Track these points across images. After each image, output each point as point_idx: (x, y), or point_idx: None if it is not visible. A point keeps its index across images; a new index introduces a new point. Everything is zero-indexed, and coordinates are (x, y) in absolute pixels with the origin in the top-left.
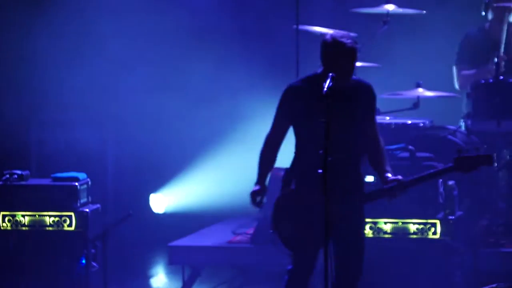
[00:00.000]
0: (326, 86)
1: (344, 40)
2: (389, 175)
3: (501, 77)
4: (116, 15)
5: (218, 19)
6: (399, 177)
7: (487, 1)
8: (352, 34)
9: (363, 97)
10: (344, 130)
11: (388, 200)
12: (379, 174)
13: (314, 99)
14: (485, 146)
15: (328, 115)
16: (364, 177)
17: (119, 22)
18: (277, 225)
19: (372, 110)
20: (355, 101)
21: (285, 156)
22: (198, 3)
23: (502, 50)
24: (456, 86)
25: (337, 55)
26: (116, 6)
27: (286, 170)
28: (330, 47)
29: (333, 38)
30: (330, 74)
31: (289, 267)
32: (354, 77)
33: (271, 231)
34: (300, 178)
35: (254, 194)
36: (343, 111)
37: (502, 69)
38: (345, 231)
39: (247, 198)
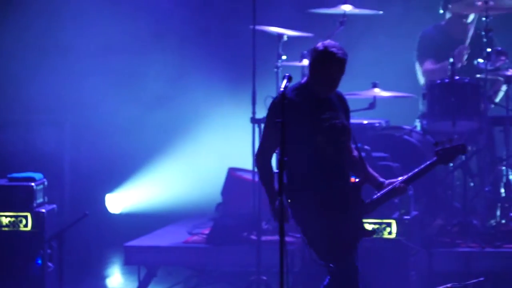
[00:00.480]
0: (282, 86)
1: (334, 50)
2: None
3: (457, 77)
4: (78, 18)
5: (175, 21)
6: (398, 179)
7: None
8: (309, 34)
9: (345, 107)
10: (337, 136)
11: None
12: (371, 181)
13: (305, 105)
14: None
15: (283, 116)
16: None
17: (81, 25)
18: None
19: (347, 118)
20: (341, 111)
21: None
22: (156, 5)
23: (467, 44)
24: (421, 82)
25: (327, 64)
26: (79, 9)
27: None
28: (320, 55)
29: (325, 47)
30: (287, 74)
31: (327, 280)
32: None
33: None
34: (316, 192)
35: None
36: (333, 117)
37: (464, 63)
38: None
39: (202, 199)
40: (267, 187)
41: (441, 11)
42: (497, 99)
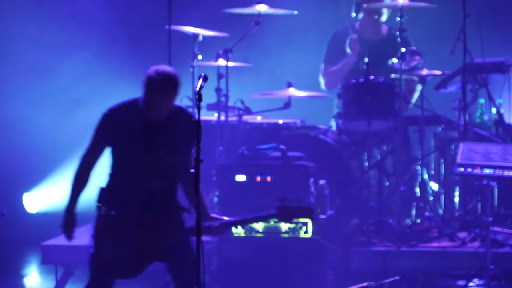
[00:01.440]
0: (198, 86)
1: (155, 75)
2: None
3: (372, 77)
4: (4, 17)
5: (90, 20)
6: (224, 217)
7: (357, 1)
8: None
9: (182, 127)
10: (163, 160)
11: (213, 235)
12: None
13: (134, 125)
14: (353, 148)
15: (198, 113)
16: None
17: (1, 24)
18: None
19: (190, 140)
20: (173, 132)
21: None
22: (70, 4)
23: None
24: (322, 85)
25: (149, 89)
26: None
27: (102, 189)
28: (146, 80)
29: (155, 70)
30: (203, 74)
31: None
32: (177, 105)
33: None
34: (118, 200)
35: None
36: (162, 142)
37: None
38: (180, 258)
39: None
40: (74, 196)
41: (354, 14)
42: (413, 99)
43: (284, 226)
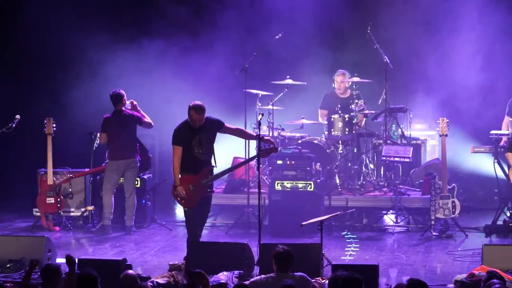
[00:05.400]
0: (259, 118)
1: (196, 105)
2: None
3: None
4: None
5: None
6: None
7: (333, 77)
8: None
9: (210, 127)
10: (208, 145)
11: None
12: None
13: (188, 133)
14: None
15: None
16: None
17: None
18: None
19: (221, 126)
20: (206, 130)
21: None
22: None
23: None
24: (319, 118)
25: (191, 112)
26: None
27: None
28: (190, 108)
29: (194, 104)
30: (262, 113)
31: None
32: (207, 116)
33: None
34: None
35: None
36: (203, 136)
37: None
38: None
39: None
40: (176, 175)
41: (333, 85)
42: (362, 124)
43: (300, 185)
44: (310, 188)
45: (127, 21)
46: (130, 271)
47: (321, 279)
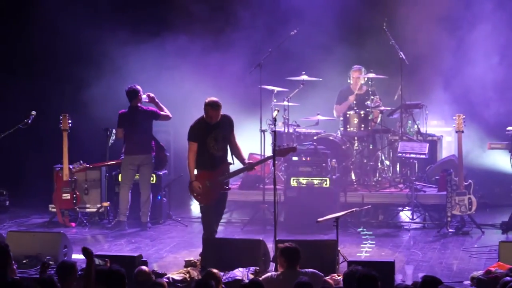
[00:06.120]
0: (274, 114)
1: (213, 101)
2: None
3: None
4: None
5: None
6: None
7: (349, 73)
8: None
9: (225, 124)
10: (224, 142)
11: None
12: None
13: (204, 129)
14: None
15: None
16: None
17: None
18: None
19: (232, 130)
20: (224, 127)
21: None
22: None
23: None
24: (334, 114)
25: (204, 108)
26: None
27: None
28: (207, 104)
29: (210, 100)
30: (277, 109)
31: None
32: (222, 114)
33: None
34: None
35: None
36: (219, 132)
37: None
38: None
39: None
40: (192, 171)
41: (349, 81)
42: (377, 121)
43: (315, 181)
44: (326, 184)
45: (147, 17)
46: (144, 267)
47: (337, 276)
